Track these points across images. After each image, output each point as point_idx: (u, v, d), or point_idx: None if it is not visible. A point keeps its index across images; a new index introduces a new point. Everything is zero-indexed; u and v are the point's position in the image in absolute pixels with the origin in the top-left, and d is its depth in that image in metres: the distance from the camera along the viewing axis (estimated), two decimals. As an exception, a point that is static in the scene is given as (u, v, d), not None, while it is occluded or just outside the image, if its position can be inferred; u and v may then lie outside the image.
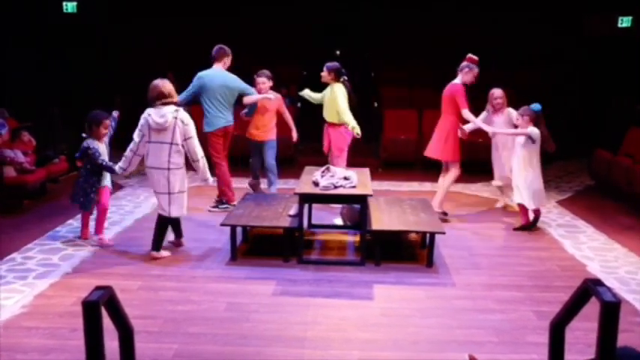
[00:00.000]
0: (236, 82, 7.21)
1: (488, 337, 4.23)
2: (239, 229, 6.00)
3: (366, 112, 11.85)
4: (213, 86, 7.03)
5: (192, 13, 12.47)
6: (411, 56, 12.39)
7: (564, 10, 12.03)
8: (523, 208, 6.82)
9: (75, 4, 12.04)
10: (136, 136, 5.60)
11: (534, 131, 6.56)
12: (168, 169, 5.52)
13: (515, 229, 6.83)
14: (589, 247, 6.32)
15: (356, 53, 13.34)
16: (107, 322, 2.23)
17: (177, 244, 6.11)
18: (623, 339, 2.20)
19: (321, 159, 7.73)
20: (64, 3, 12.02)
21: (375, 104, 11.50)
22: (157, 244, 5.76)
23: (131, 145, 5.64)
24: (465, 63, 7.18)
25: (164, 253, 5.80)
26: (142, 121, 5.57)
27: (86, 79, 12.32)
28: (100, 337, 2.16)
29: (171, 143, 5.49)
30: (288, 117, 7.81)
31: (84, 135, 6.07)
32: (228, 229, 5.77)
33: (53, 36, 12.00)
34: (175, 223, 6.03)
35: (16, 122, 8.89)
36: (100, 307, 2.16)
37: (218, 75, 7.12)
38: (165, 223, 5.80)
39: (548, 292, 5.05)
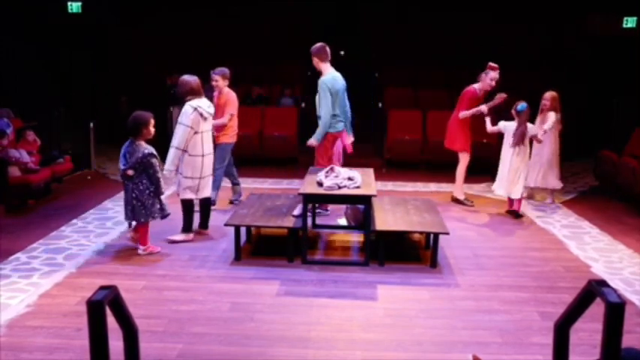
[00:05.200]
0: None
1: (493, 337, 4.23)
2: (243, 229, 6.01)
3: (369, 112, 11.87)
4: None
5: (195, 14, 12.48)
6: (415, 56, 12.38)
7: (568, 10, 12.01)
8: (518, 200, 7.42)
9: (79, 4, 12.07)
10: (186, 133, 5.93)
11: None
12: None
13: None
14: (593, 248, 6.31)
15: (360, 53, 13.34)
16: (111, 322, 2.23)
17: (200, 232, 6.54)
18: (628, 340, 2.19)
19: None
20: (69, 3, 12.05)
21: (380, 104, 11.49)
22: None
23: (177, 143, 5.95)
24: (484, 71, 7.64)
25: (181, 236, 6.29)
26: (192, 115, 5.94)
27: (90, 79, 12.36)
28: (104, 337, 2.16)
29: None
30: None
31: (132, 139, 5.65)
32: (232, 229, 5.78)
33: (58, 36, 12.03)
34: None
35: (21, 122, 8.93)
36: (105, 307, 2.16)
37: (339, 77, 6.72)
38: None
39: (552, 293, 5.04)
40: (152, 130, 5.74)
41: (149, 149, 5.65)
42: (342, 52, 13.68)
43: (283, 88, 12.03)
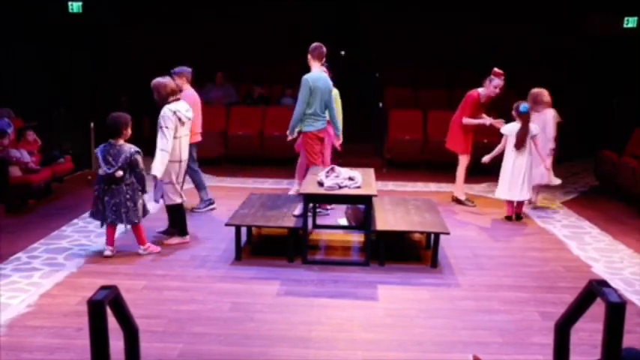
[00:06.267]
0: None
1: (493, 337, 4.23)
2: (244, 229, 6.01)
3: (370, 112, 11.88)
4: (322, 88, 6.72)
5: (195, 14, 12.48)
6: (415, 56, 12.38)
7: (568, 10, 12.00)
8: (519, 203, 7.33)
9: (80, 4, 12.07)
10: (170, 135, 5.79)
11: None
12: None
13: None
14: (594, 248, 6.31)
15: (360, 53, 13.34)
16: (112, 322, 2.23)
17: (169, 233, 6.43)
18: (628, 340, 2.19)
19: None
20: (70, 3, 12.05)
21: (380, 104, 11.50)
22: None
23: (164, 146, 5.78)
24: (488, 76, 7.59)
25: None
26: (172, 118, 5.80)
27: (91, 79, 12.35)
28: (105, 337, 2.16)
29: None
30: None
31: (112, 141, 5.65)
32: (232, 229, 5.78)
33: (58, 36, 12.03)
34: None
35: (21, 122, 8.93)
36: (105, 307, 2.16)
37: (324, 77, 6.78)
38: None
39: (552, 293, 5.04)
40: (130, 130, 5.77)
41: (134, 147, 5.69)
42: (342, 52, 13.67)
43: (284, 87, 12.03)
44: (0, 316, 4.39)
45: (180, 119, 5.89)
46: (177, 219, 6.22)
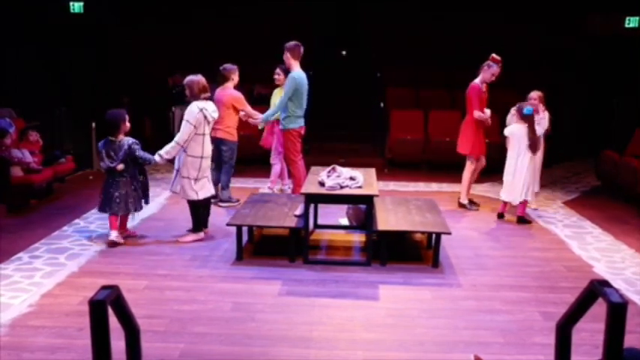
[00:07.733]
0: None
1: (495, 337, 4.23)
2: (245, 229, 6.01)
3: (371, 112, 11.87)
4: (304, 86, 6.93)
5: (195, 14, 12.49)
6: (415, 56, 12.38)
7: (568, 10, 12.00)
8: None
9: (81, 4, 12.07)
10: (189, 130, 5.97)
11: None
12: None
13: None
14: (595, 248, 6.31)
15: (361, 53, 13.34)
16: (113, 322, 2.23)
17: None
18: (629, 340, 2.19)
19: (326, 159, 7.71)
20: (71, 3, 12.06)
21: (382, 104, 11.49)
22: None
23: (179, 138, 6.02)
24: (486, 62, 7.48)
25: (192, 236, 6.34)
26: (196, 115, 5.98)
27: (92, 79, 12.35)
28: (106, 337, 2.16)
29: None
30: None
31: (111, 138, 6.02)
32: (234, 229, 5.78)
33: (60, 36, 12.04)
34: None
35: (23, 122, 8.93)
36: (107, 307, 2.16)
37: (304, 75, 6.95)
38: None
39: (554, 293, 5.04)
40: (128, 124, 6.14)
41: (131, 139, 6.06)
42: (343, 52, 13.68)
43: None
44: (1, 316, 4.39)
45: (206, 117, 6.08)
46: (192, 214, 6.30)
